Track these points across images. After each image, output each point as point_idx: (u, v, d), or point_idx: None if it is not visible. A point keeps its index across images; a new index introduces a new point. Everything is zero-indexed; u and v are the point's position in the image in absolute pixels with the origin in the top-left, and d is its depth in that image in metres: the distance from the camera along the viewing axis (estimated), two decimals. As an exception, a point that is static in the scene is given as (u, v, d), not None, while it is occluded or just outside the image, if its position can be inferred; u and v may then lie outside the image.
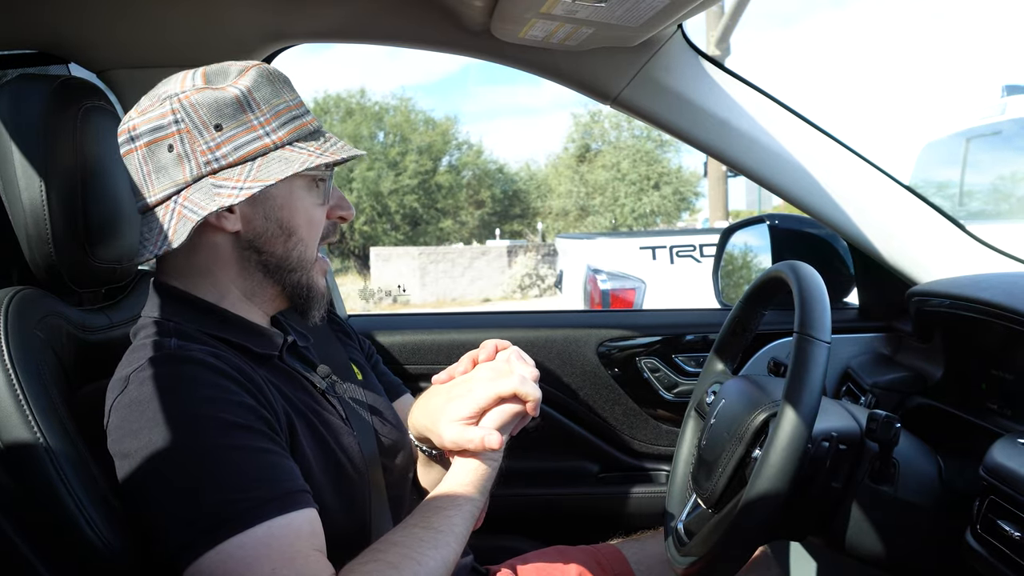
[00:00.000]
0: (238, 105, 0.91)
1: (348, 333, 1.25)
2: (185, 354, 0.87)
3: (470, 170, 24.41)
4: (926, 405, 1.30)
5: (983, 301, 1.16)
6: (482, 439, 0.92)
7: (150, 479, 0.82)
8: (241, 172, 0.91)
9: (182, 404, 0.83)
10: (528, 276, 15.14)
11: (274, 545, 0.78)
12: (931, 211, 1.44)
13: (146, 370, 0.86)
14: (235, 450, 0.82)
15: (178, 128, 0.91)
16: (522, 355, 1.01)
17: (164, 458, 0.81)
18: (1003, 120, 4.16)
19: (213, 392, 0.84)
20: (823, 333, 0.93)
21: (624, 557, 1.31)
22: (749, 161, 1.41)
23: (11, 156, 1.01)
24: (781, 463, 0.89)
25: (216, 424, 0.82)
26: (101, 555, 0.86)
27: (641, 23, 1.20)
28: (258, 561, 0.77)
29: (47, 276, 1.06)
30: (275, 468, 0.83)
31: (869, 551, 1.03)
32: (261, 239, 0.96)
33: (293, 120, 0.94)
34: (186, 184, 0.91)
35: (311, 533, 0.83)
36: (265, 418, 0.86)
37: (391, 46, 1.46)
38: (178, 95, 0.92)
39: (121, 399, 0.86)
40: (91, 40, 1.35)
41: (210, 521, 0.78)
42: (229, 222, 0.94)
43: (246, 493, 0.80)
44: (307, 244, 0.98)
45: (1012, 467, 0.87)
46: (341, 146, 0.96)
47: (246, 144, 0.91)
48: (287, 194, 0.96)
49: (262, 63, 0.97)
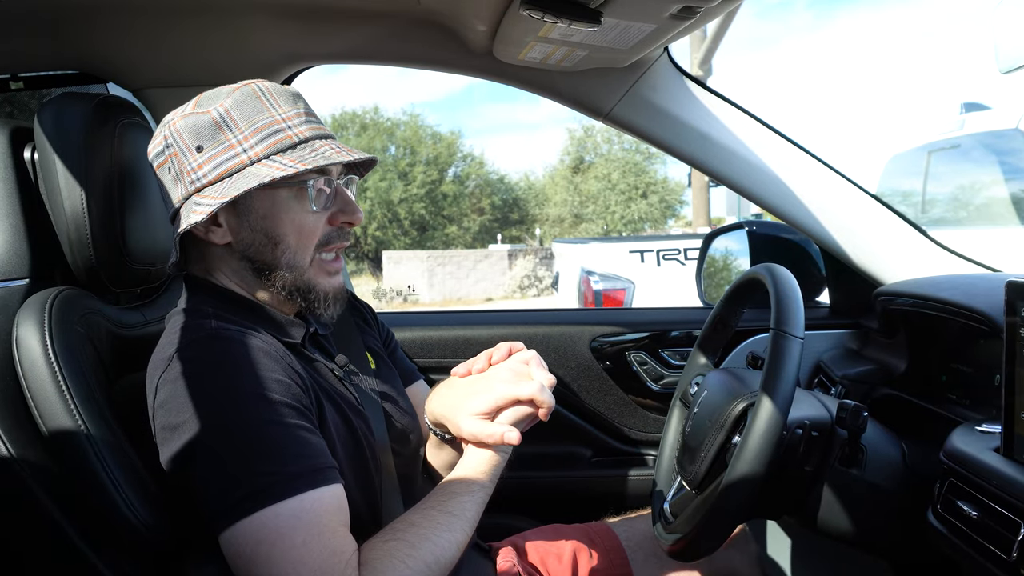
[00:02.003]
0: (216, 126, 0.91)
1: (368, 320, 1.21)
2: (226, 333, 0.87)
3: (473, 180, 24.38)
4: (891, 395, 1.30)
5: (943, 300, 1.16)
6: (502, 435, 0.91)
7: (196, 449, 0.81)
8: (218, 189, 0.90)
9: (225, 380, 0.83)
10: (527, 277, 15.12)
11: (304, 518, 0.78)
12: (896, 218, 1.44)
13: (190, 349, 0.86)
14: (273, 425, 0.82)
15: (169, 153, 0.93)
16: (541, 362, 0.98)
17: (208, 430, 0.81)
18: (962, 135, 4.16)
19: (253, 369, 0.84)
20: (797, 329, 0.93)
21: (615, 534, 1.31)
22: (729, 172, 1.41)
23: (54, 167, 1.01)
24: (758, 448, 0.89)
25: (257, 399, 0.82)
26: (138, 534, 0.86)
27: (630, 46, 1.20)
28: (290, 532, 0.77)
29: (87, 277, 1.06)
30: (308, 444, 0.83)
31: (839, 528, 1.04)
32: (250, 248, 0.94)
33: (273, 135, 0.91)
34: (180, 203, 0.93)
35: (338, 508, 0.83)
36: (298, 395, 0.86)
37: (401, 67, 1.46)
38: (168, 123, 0.93)
39: (167, 375, 0.85)
40: (127, 62, 1.35)
41: (247, 491, 0.78)
42: (216, 235, 0.94)
43: (283, 467, 0.80)
44: (296, 250, 0.95)
45: (970, 452, 0.87)
46: (327, 155, 0.91)
47: (224, 162, 0.90)
48: (269, 205, 0.93)
49: (255, 81, 0.95)
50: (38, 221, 1.04)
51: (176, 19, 1.29)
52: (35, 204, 1.05)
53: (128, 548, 0.88)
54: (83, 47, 1.33)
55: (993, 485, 0.81)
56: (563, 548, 1.25)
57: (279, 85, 0.96)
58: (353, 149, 0.94)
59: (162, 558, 0.90)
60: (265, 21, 1.32)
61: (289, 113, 0.93)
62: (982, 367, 1.10)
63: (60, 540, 0.87)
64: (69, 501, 0.88)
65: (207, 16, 1.29)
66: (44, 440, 0.89)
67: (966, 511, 0.84)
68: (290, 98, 0.95)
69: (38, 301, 0.95)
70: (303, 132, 0.93)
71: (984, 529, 0.81)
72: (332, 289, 0.99)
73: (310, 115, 0.95)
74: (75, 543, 0.87)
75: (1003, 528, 0.78)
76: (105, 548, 0.88)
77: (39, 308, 0.93)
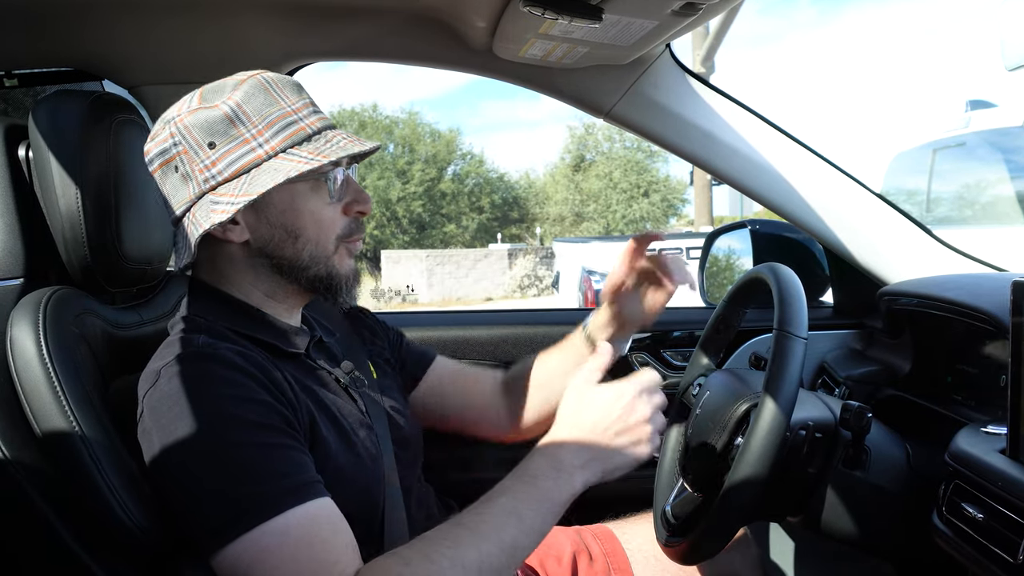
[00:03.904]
0: (228, 121, 0.89)
1: (374, 330, 1.21)
2: (210, 352, 0.86)
3: (473, 179, 24.39)
4: (896, 396, 1.30)
5: (948, 300, 1.16)
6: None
7: (175, 471, 0.82)
8: (235, 186, 0.88)
9: (205, 401, 0.82)
10: (527, 277, 15.13)
11: (291, 535, 0.78)
12: (900, 217, 1.44)
13: (175, 366, 0.85)
14: (252, 447, 0.80)
15: (177, 150, 0.90)
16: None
17: (186, 453, 0.80)
18: (967, 133, 4.16)
19: (234, 390, 0.83)
20: (800, 330, 0.93)
21: (615, 537, 1.31)
22: (732, 170, 1.41)
23: (49, 165, 1.01)
24: (761, 450, 0.89)
25: (235, 422, 0.81)
26: (133, 536, 0.86)
27: (632, 43, 1.20)
28: (274, 551, 0.77)
29: (82, 277, 1.06)
30: (289, 462, 0.82)
31: (843, 531, 1.03)
32: (269, 245, 0.93)
33: (288, 127, 0.90)
34: (192, 202, 0.91)
35: (327, 519, 0.82)
36: (283, 414, 0.85)
37: (400, 64, 1.46)
38: (174, 119, 0.91)
39: (152, 393, 0.85)
40: (123, 59, 1.35)
41: (231, 514, 0.78)
42: (235, 233, 0.92)
43: (261, 487, 0.79)
44: (317, 243, 0.94)
45: (975, 454, 0.87)
46: (342, 145, 0.91)
47: (240, 158, 0.89)
48: (288, 199, 0.92)
49: (259, 73, 0.93)
50: (33, 220, 1.04)
51: (172, 15, 1.29)
52: (30, 203, 1.04)
53: (123, 550, 0.88)
54: (78, 44, 1.32)
55: (999, 487, 0.81)
56: (563, 550, 1.25)
57: (283, 76, 0.95)
58: (361, 138, 0.94)
59: (157, 560, 0.90)
60: (263, 17, 1.32)
61: (297, 104, 0.92)
62: (988, 368, 1.10)
63: (54, 542, 0.87)
64: (63, 503, 0.88)
65: (203, 12, 1.29)
66: (38, 442, 0.88)
67: (971, 513, 0.84)
68: (295, 89, 0.94)
69: (32, 301, 0.95)
70: (315, 123, 0.92)
71: (989, 532, 0.81)
72: (351, 272, 0.99)
73: (315, 105, 0.95)
74: (69, 545, 0.87)
75: (1009, 531, 0.78)
76: (99, 550, 0.88)
77: (33, 308, 0.93)
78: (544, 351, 1.26)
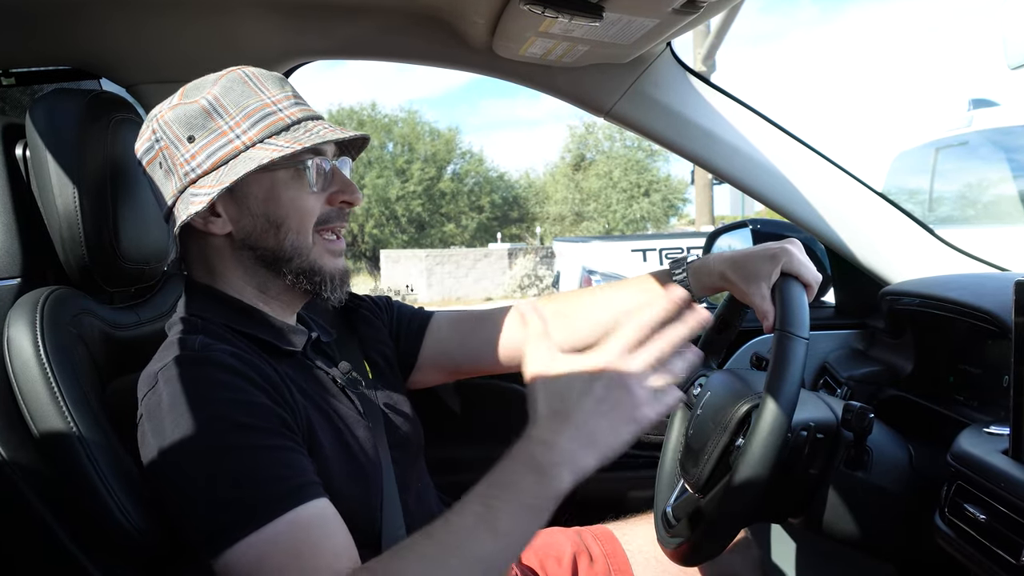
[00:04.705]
0: (206, 114, 0.90)
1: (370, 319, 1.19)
2: (206, 355, 0.86)
3: (472, 178, 24.40)
4: (898, 397, 1.30)
5: (951, 300, 1.16)
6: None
7: (171, 475, 0.82)
8: (214, 178, 0.89)
9: (201, 405, 0.82)
10: (527, 277, 15.12)
11: (282, 541, 0.77)
12: (902, 216, 1.44)
13: (172, 369, 0.85)
14: (248, 450, 0.80)
15: (159, 146, 0.92)
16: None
17: (182, 457, 0.80)
18: (970, 132, 4.16)
19: (231, 394, 0.83)
20: (802, 330, 0.93)
21: (616, 538, 1.31)
22: (733, 169, 1.41)
23: (46, 164, 1.01)
24: (763, 451, 0.89)
25: (231, 425, 0.81)
26: (131, 538, 0.86)
27: (632, 41, 1.20)
28: (269, 556, 0.76)
29: (80, 276, 1.06)
30: (285, 465, 0.82)
31: (844, 532, 1.03)
32: (252, 236, 0.93)
33: (265, 118, 0.91)
34: (175, 196, 0.92)
35: (322, 521, 0.81)
36: (280, 415, 0.85)
37: (399, 62, 1.46)
38: (156, 116, 0.92)
39: (150, 396, 0.85)
40: (121, 57, 1.35)
41: (227, 518, 0.77)
42: (216, 226, 0.93)
43: (257, 491, 0.78)
44: (299, 232, 0.94)
45: (978, 454, 0.87)
46: (321, 133, 0.91)
47: (218, 150, 0.90)
48: (268, 187, 0.92)
49: (240, 67, 0.94)
50: (30, 219, 1.04)
51: (168, 13, 1.28)
52: (27, 202, 1.04)
53: (120, 552, 0.88)
54: (74, 42, 1.32)
55: (1001, 488, 0.81)
56: (563, 551, 1.25)
57: (264, 70, 0.95)
58: (345, 128, 0.94)
59: (154, 562, 0.90)
60: (261, 16, 1.32)
61: (278, 96, 0.93)
62: (990, 368, 1.10)
63: (52, 543, 0.87)
64: (61, 504, 0.88)
65: (201, 11, 1.29)
66: (35, 442, 0.88)
67: (974, 514, 0.84)
68: (277, 82, 0.95)
69: (30, 301, 0.95)
70: (294, 114, 0.93)
71: (992, 533, 0.81)
72: (337, 271, 0.98)
73: (298, 98, 0.96)
74: (67, 546, 0.87)
75: (1011, 532, 0.78)
76: (97, 552, 0.88)
77: (31, 308, 0.93)
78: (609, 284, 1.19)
